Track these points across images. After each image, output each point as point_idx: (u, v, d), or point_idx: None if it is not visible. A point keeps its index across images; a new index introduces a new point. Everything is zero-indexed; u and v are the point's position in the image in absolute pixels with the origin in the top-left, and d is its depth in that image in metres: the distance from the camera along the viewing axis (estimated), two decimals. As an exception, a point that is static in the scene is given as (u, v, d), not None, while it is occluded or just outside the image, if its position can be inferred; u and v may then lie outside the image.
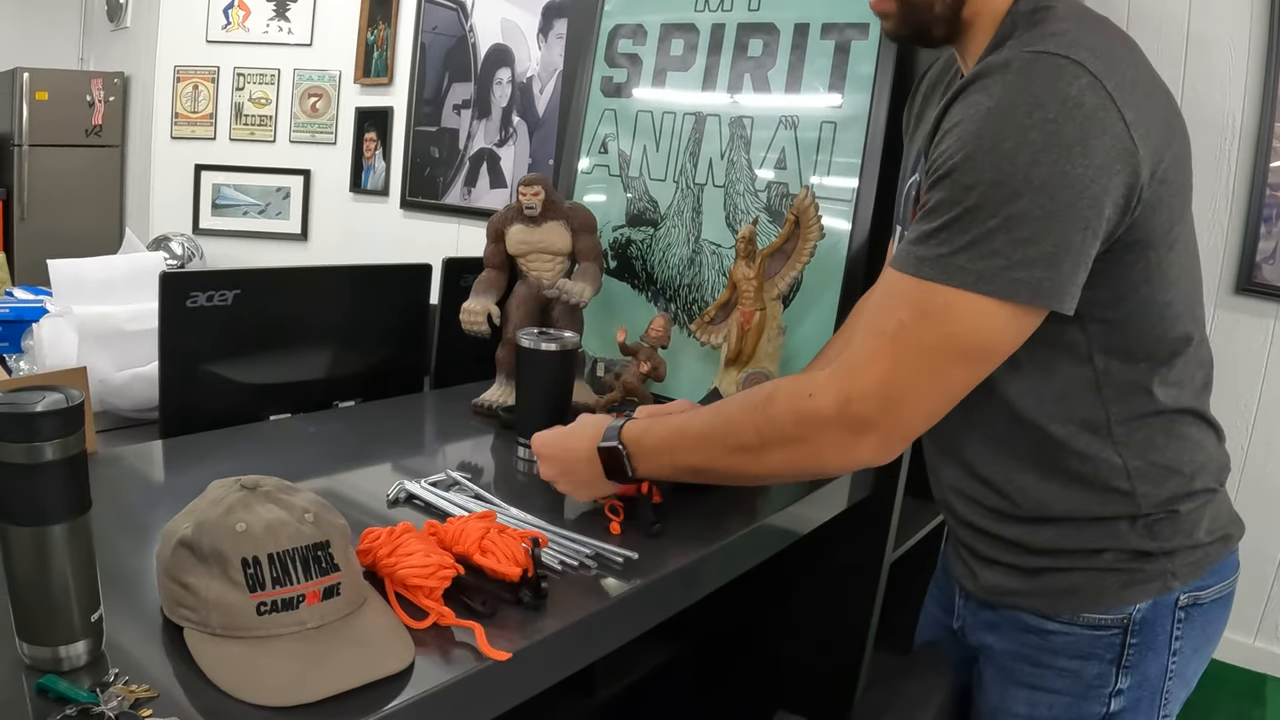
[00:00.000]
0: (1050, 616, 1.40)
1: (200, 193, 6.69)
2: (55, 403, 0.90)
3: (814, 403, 1.23)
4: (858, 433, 1.22)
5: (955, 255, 1.14)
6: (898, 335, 1.19)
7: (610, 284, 2.23)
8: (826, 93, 2.00)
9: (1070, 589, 1.38)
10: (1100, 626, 1.37)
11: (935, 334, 1.17)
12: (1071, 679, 1.40)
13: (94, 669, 0.96)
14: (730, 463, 1.33)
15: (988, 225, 1.12)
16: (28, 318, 2.28)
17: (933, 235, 1.17)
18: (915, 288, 1.18)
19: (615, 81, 2.34)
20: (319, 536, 1.03)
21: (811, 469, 1.33)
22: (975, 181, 1.13)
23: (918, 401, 1.21)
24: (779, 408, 1.27)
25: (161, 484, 1.63)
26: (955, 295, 1.15)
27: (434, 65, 5.89)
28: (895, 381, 1.19)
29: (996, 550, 1.44)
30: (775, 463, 1.30)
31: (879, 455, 1.24)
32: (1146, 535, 1.34)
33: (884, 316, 1.22)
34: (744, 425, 1.31)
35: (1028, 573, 1.41)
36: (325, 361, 2.06)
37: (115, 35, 7.33)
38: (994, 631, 1.49)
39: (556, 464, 1.47)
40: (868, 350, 1.22)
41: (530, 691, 1.15)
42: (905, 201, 1.48)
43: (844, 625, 2.08)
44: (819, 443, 1.25)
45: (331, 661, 0.98)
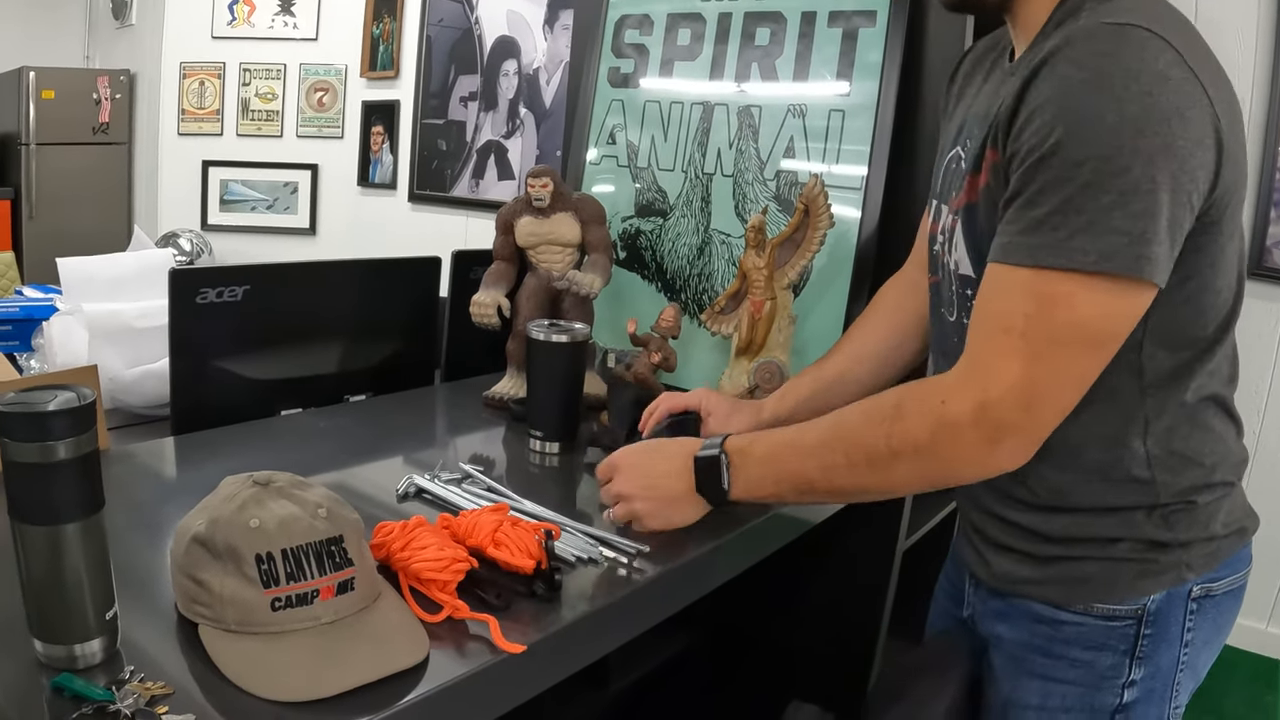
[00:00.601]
0: (1063, 606, 1.37)
1: (208, 189, 6.68)
2: (67, 402, 0.90)
3: (949, 409, 1.19)
4: (996, 439, 1.18)
5: (1074, 238, 1.10)
6: (1027, 331, 1.15)
7: (620, 275, 2.23)
8: (834, 80, 1.99)
9: (1084, 578, 1.34)
10: (1114, 617, 1.33)
11: (1065, 323, 1.14)
12: (1084, 670, 1.37)
13: (109, 667, 0.96)
14: (850, 476, 1.28)
15: (1102, 202, 1.09)
16: (38, 316, 2.28)
17: (1045, 221, 1.13)
18: (1035, 279, 1.14)
19: (622, 72, 2.34)
20: (332, 531, 1.03)
21: (943, 479, 1.27)
22: (1084, 158, 1.09)
23: (1055, 398, 1.17)
24: (911, 418, 1.22)
25: (174, 480, 1.63)
26: (1080, 280, 1.11)
27: (440, 58, 5.88)
28: (1032, 380, 1.15)
29: (1010, 536, 1.41)
30: (903, 475, 1.25)
31: (1016, 460, 1.20)
32: (1163, 526, 1.30)
33: (1005, 313, 1.17)
34: (870, 436, 1.25)
35: (1041, 561, 1.38)
36: (336, 356, 2.06)
37: (120, 32, 7.33)
38: (1004, 621, 1.46)
39: (638, 478, 1.40)
40: (996, 350, 1.18)
41: (545, 684, 1.15)
42: (946, 174, 1.43)
43: (856, 614, 2.08)
44: (955, 451, 1.20)
45: (346, 656, 0.98)
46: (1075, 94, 1.10)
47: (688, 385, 2.04)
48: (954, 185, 1.36)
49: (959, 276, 1.35)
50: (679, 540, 1.41)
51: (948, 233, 1.38)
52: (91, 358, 1.92)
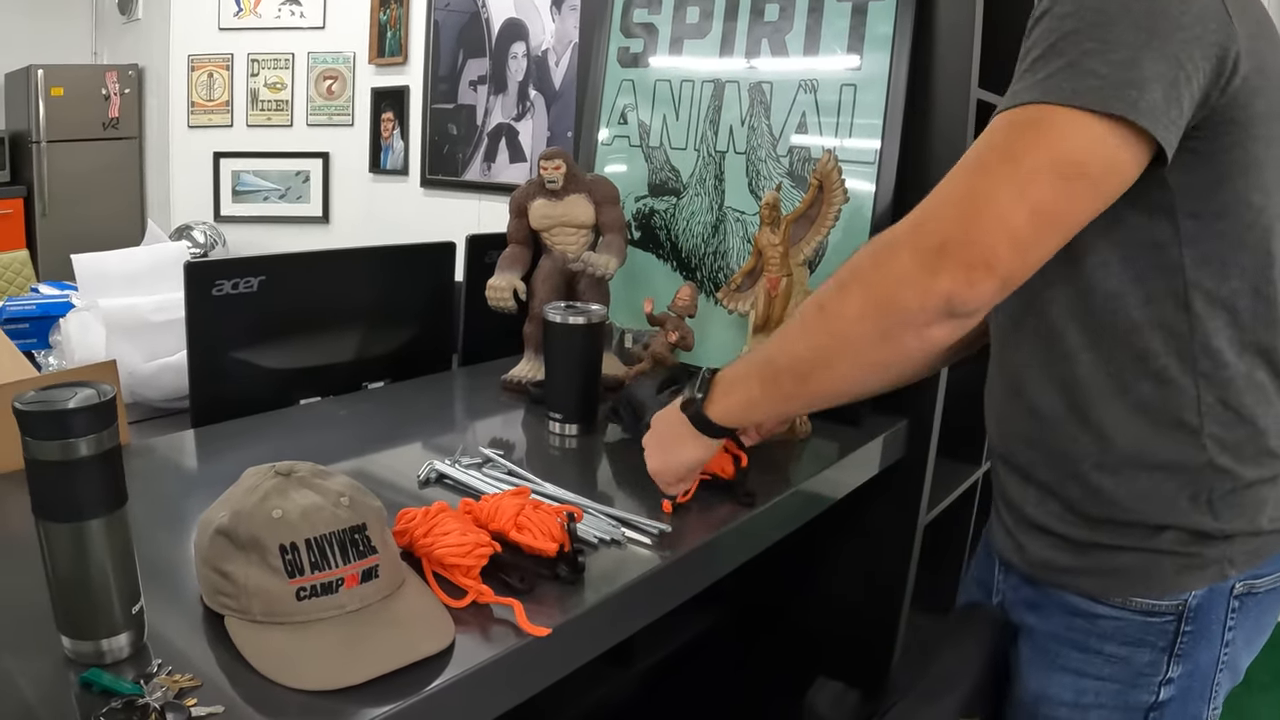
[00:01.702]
0: (1100, 599, 1.31)
1: (220, 180, 6.69)
2: (87, 398, 0.90)
3: (890, 233, 1.14)
4: (934, 256, 1.09)
5: (1050, 78, 1.07)
6: (981, 155, 1.11)
7: (635, 255, 2.23)
8: (845, 54, 1.98)
9: (1122, 569, 1.29)
10: (1154, 612, 1.28)
11: (1025, 142, 1.08)
12: (1120, 666, 1.32)
13: (137, 661, 0.97)
14: (804, 333, 1.23)
15: (1084, 47, 1.06)
16: (54, 313, 2.29)
17: (1028, 71, 1.11)
18: (1008, 116, 1.11)
19: (632, 52, 2.33)
20: (355, 520, 1.04)
21: (890, 311, 1.13)
22: (1072, 11, 1.08)
23: (1003, 214, 1.07)
24: (858, 254, 1.18)
25: (195, 473, 1.64)
26: (1049, 110, 1.07)
27: (448, 42, 5.86)
28: (978, 194, 1.08)
29: (1046, 514, 1.36)
30: (850, 311, 1.16)
31: (963, 284, 1.09)
32: (1207, 512, 1.24)
33: (969, 153, 1.13)
34: (825, 287, 1.21)
35: (1077, 547, 1.33)
36: (353, 344, 2.06)
37: (127, 27, 7.33)
38: (1036, 611, 1.41)
39: (653, 437, 1.45)
40: (950, 176, 1.12)
41: (571, 666, 1.16)
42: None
43: (880, 589, 2.08)
44: (891, 269, 1.12)
45: (372, 644, 0.98)
46: None
47: (705, 364, 2.03)
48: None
49: None
50: (701, 520, 1.41)
51: None
52: (109, 353, 1.93)
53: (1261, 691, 3.42)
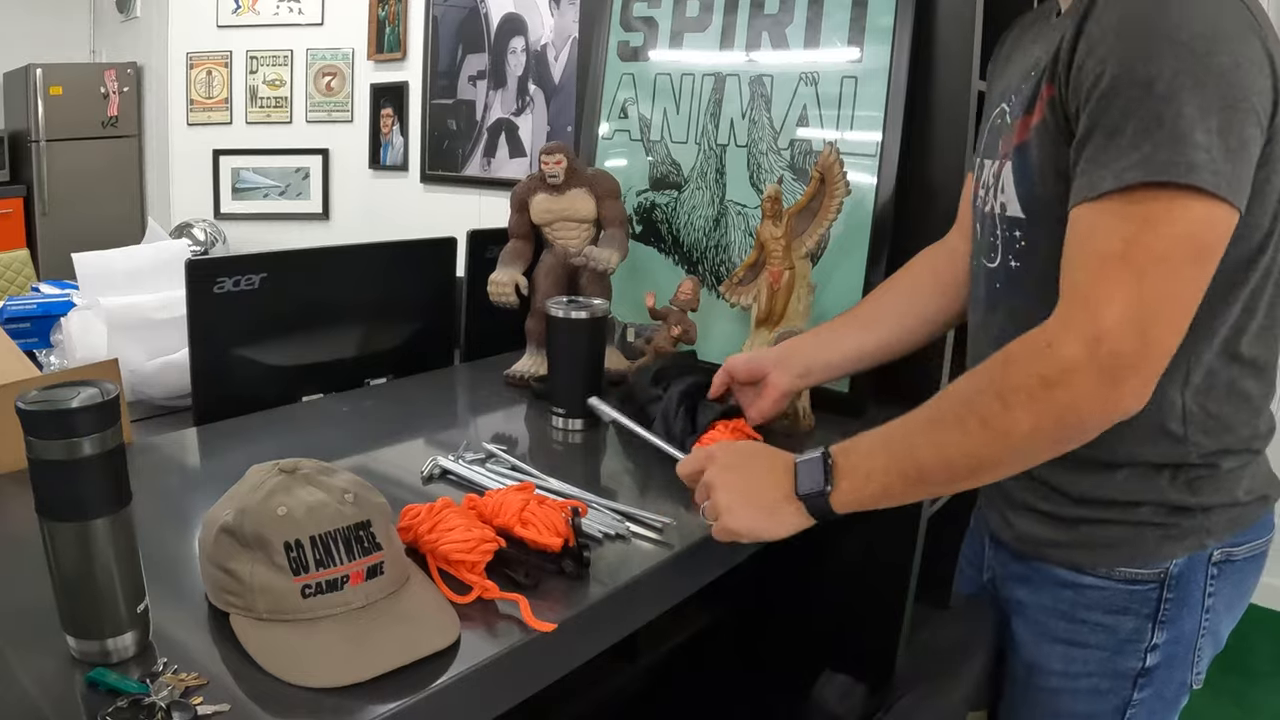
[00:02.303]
0: (1085, 570, 1.37)
1: (220, 177, 6.69)
2: (90, 398, 0.90)
3: (1057, 352, 1.09)
4: (1116, 375, 1.08)
5: (1158, 151, 1.06)
6: (1128, 253, 1.07)
7: (637, 249, 2.22)
8: (846, 47, 1.98)
9: (1107, 542, 1.34)
10: (1137, 581, 1.34)
11: (1167, 238, 1.07)
12: (1107, 634, 1.37)
13: (143, 660, 0.96)
14: (964, 444, 1.16)
15: (1183, 113, 1.05)
16: (55, 312, 2.28)
17: (1129, 145, 1.08)
18: (1126, 201, 1.08)
19: (632, 46, 2.32)
20: (360, 516, 1.03)
21: (1067, 431, 1.13)
22: (1157, 73, 1.06)
23: (1169, 320, 1.09)
24: (1019, 366, 1.13)
25: (199, 470, 1.63)
26: (1174, 193, 1.06)
27: (447, 38, 5.86)
28: (1144, 303, 1.07)
29: (1034, 495, 1.41)
30: (1020, 430, 1.12)
31: (1140, 399, 1.10)
32: (1185, 490, 1.29)
33: (1102, 243, 1.10)
34: (980, 395, 1.16)
35: (1064, 523, 1.38)
36: (355, 340, 2.06)
37: (125, 25, 7.33)
38: (1026, 585, 1.47)
39: (732, 481, 1.29)
40: (1099, 278, 1.09)
41: (577, 661, 1.15)
42: (990, 132, 1.42)
43: (883, 583, 2.07)
44: (1073, 394, 1.09)
45: (378, 641, 0.98)
46: (1137, 19, 1.09)
47: (708, 357, 2.03)
48: (1000, 135, 1.36)
49: (1006, 219, 1.33)
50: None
51: (993, 180, 1.37)
52: (111, 351, 1.92)
53: (1264, 679, 3.43)
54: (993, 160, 1.39)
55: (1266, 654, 3.60)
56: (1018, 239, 1.31)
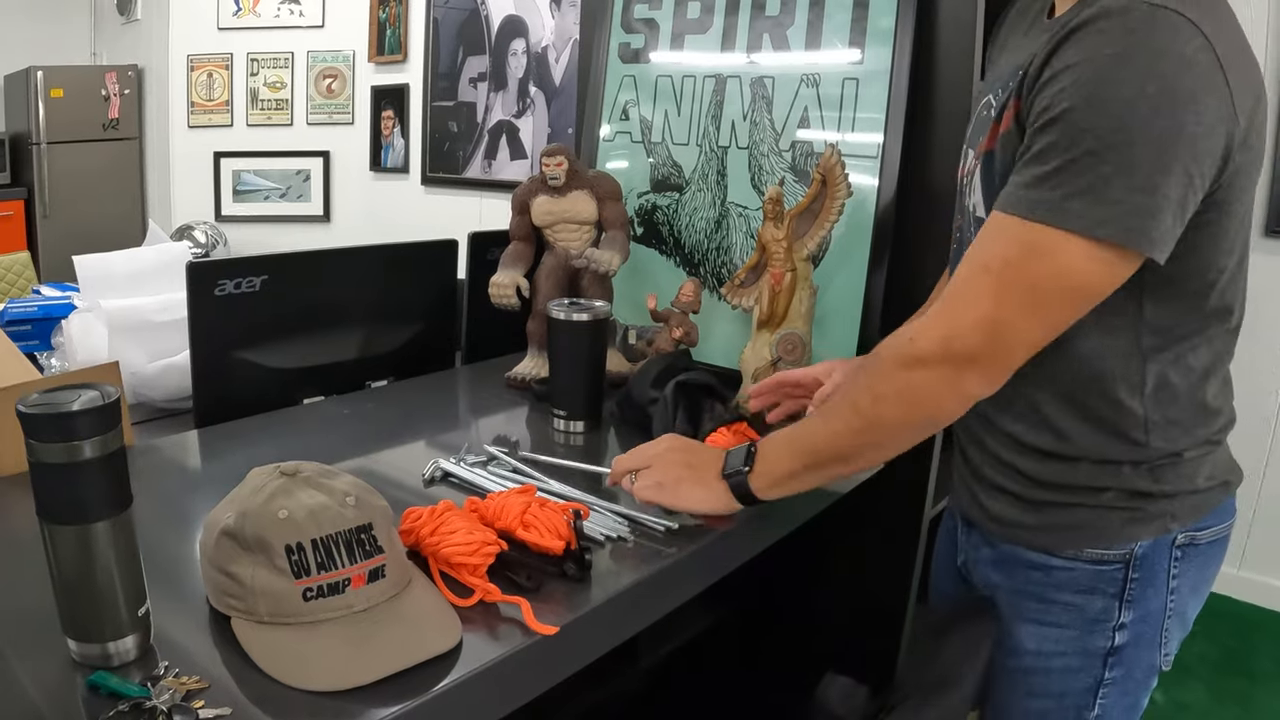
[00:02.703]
0: (1054, 552, 1.42)
1: (221, 180, 6.70)
2: (91, 401, 0.90)
3: (916, 346, 1.25)
4: (960, 367, 1.23)
5: (1070, 200, 1.15)
6: (1003, 273, 1.20)
7: (638, 251, 2.22)
8: (847, 48, 1.98)
9: (1074, 525, 1.40)
10: (1103, 562, 1.39)
11: (1044, 272, 1.18)
12: (1076, 613, 1.43)
13: (144, 663, 0.96)
14: (847, 433, 1.32)
15: (1102, 171, 1.13)
16: (56, 315, 2.28)
17: (1046, 179, 1.17)
18: (1026, 230, 1.18)
19: (633, 47, 2.32)
20: (361, 519, 1.03)
21: (926, 415, 1.30)
22: (1093, 126, 1.13)
23: (1021, 335, 1.22)
24: (884, 361, 1.29)
25: (200, 473, 1.63)
26: (1067, 238, 1.16)
27: (448, 40, 5.86)
28: (999, 317, 1.20)
29: (1005, 478, 1.46)
30: (889, 418, 1.29)
31: (986, 386, 1.25)
32: (1149, 478, 1.36)
33: (988, 254, 1.23)
34: (855, 388, 1.32)
35: (1032, 505, 1.44)
36: (356, 342, 2.06)
37: (126, 28, 7.33)
38: (999, 569, 1.51)
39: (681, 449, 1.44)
40: (969, 289, 1.23)
41: (579, 664, 1.16)
42: (977, 121, 1.46)
43: (886, 584, 2.08)
44: (926, 385, 1.25)
45: (380, 644, 0.98)
46: (1099, 64, 1.13)
47: (710, 359, 2.04)
48: (981, 131, 1.40)
49: (976, 219, 1.39)
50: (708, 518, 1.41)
51: (969, 176, 1.42)
52: (112, 354, 1.92)
53: (1265, 681, 3.43)
54: (972, 154, 1.44)
55: (1270, 656, 3.59)
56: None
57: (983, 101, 1.45)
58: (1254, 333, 1.43)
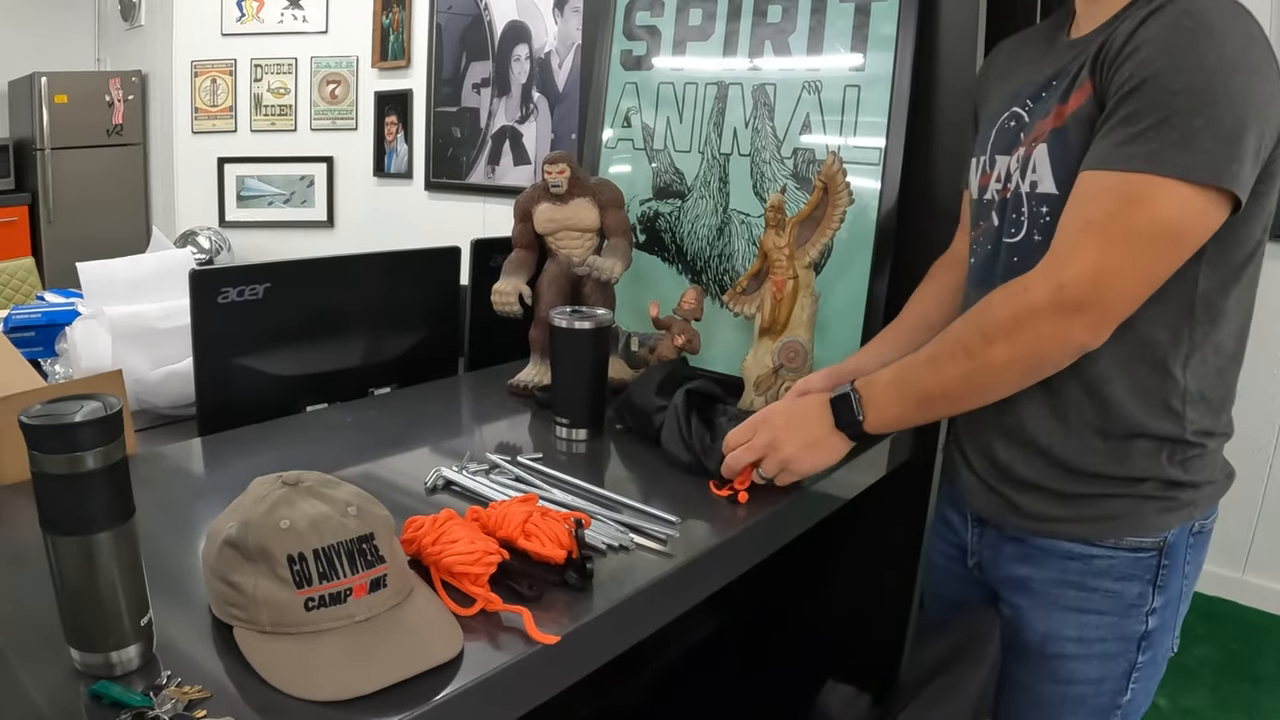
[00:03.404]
0: (1093, 541, 1.50)
1: (224, 185, 6.71)
2: (94, 412, 0.90)
3: (1028, 295, 1.33)
4: (1070, 315, 1.30)
5: (1165, 150, 1.25)
6: (1106, 224, 1.29)
7: (640, 258, 2.23)
8: (849, 54, 1.98)
9: (1113, 515, 1.49)
10: (1140, 549, 1.49)
11: (1144, 219, 1.28)
12: (1115, 600, 1.51)
13: (146, 672, 0.96)
14: (956, 373, 1.40)
15: (1194, 125, 1.24)
16: (60, 321, 2.29)
17: (1139, 136, 1.27)
18: (1124, 181, 1.28)
19: (635, 54, 2.33)
20: (363, 529, 1.03)
21: (1036, 360, 1.37)
22: (1183, 88, 1.25)
23: (1126, 283, 1.30)
24: (996, 308, 1.37)
25: (203, 481, 1.64)
26: (1164, 183, 1.26)
27: (451, 45, 5.87)
28: (1105, 265, 1.29)
29: (1036, 472, 1.53)
30: (999, 360, 1.36)
31: (1093, 336, 1.33)
32: (1180, 469, 1.46)
33: (1090, 209, 1.31)
34: (967, 331, 1.40)
35: (1070, 499, 1.51)
36: (359, 350, 2.06)
37: (130, 34, 7.35)
38: (1029, 563, 1.58)
39: (783, 426, 1.50)
40: (1076, 241, 1.32)
41: (581, 672, 1.16)
42: (1003, 132, 1.56)
43: (889, 591, 2.08)
44: (1037, 330, 1.33)
45: (382, 653, 0.98)
46: (1182, 36, 1.27)
47: (712, 367, 2.04)
48: (1019, 132, 1.51)
49: (1037, 196, 1.46)
50: (710, 523, 1.41)
51: (1017, 166, 1.51)
52: (115, 360, 1.93)
53: (1269, 685, 3.43)
54: (1007, 155, 1.54)
55: (1274, 660, 3.59)
56: (1043, 214, 1.44)
57: (1003, 116, 1.56)
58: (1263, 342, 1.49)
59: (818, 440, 1.50)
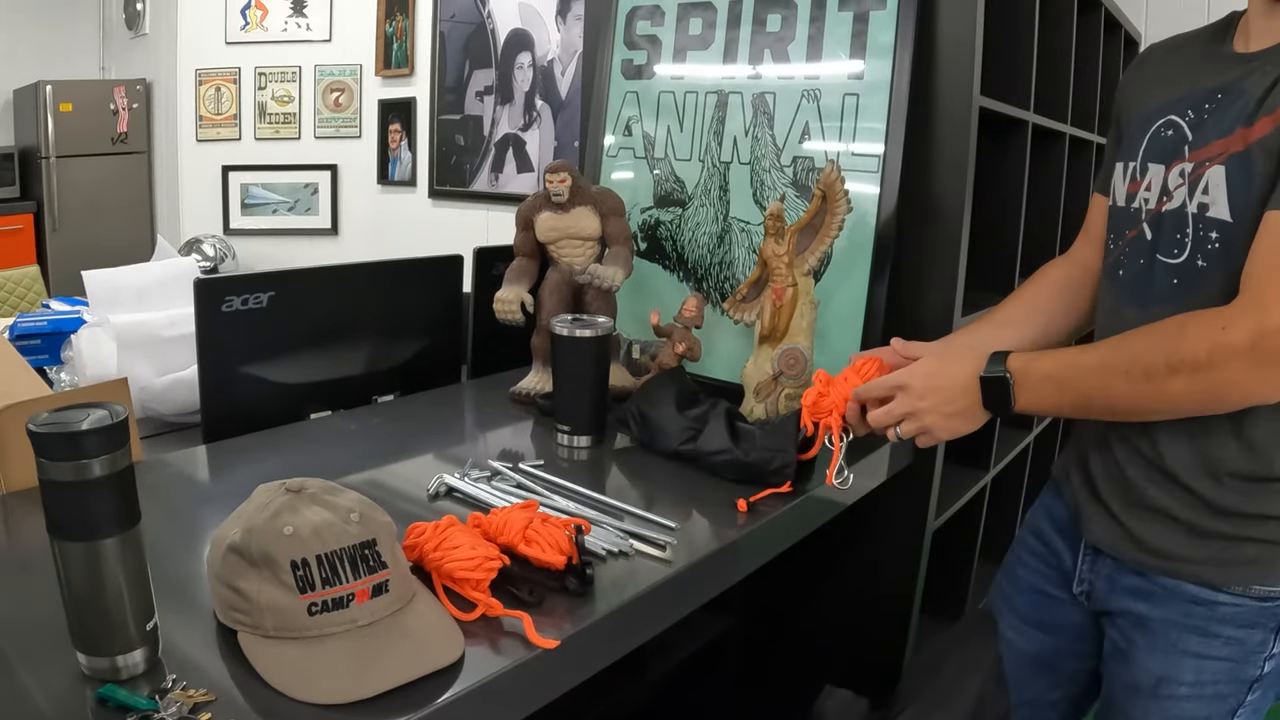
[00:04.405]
0: (1221, 588, 1.42)
1: (229, 193, 6.71)
2: (100, 420, 0.92)
3: (1228, 335, 1.25)
4: (1265, 367, 1.24)
5: None
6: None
7: (641, 266, 2.24)
8: (848, 62, 1.99)
9: (1244, 560, 1.40)
10: (1269, 599, 1.40)
11: None
12: (1236, 647, 1.43)
13: (152, 676, 0.98)
14: (1126, 391, 1.34)
15: None
16: (66, 329, 2.30)
17: None
18: None
19: (635, 64, 2.34)
20: (365, 535, 1.05)
21: (1211, 401, 1.32)
22: None
23: None
24: (1191, 338, 1.28)
25: (208, 488, 1.65)
26: None
27: (454, 53, 5.88)
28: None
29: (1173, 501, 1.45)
30: (1176, 392, 1.30)
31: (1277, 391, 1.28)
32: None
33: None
34: (1151, 352, 1.32)
35: (1199, 536, 1.43)
36: (363, 357, 2.08)
37: (135, 42, 7.35)
38: (1147, 600, 1.50)
39: (929, 394, 1.49)
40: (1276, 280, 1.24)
41: (581, 677, 1.17)
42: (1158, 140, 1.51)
43: (888, 597, 2.08)
44: (1227, 374, 1.26)
45: (384, 657, 0.99)
46: None
47: (713, 374, 2.05)
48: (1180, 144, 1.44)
49: (1205, 220, 1.39)
50: (710, 527, 1.42)
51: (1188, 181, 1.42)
52: (120, 368, 1.94)
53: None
54: (1161, 165, 1.47)
55: None
56: (1213, 240, 1.37)
57: (1158, 123, 1.50)
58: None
59: (959, 412, 1.48)
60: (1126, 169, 1.55)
